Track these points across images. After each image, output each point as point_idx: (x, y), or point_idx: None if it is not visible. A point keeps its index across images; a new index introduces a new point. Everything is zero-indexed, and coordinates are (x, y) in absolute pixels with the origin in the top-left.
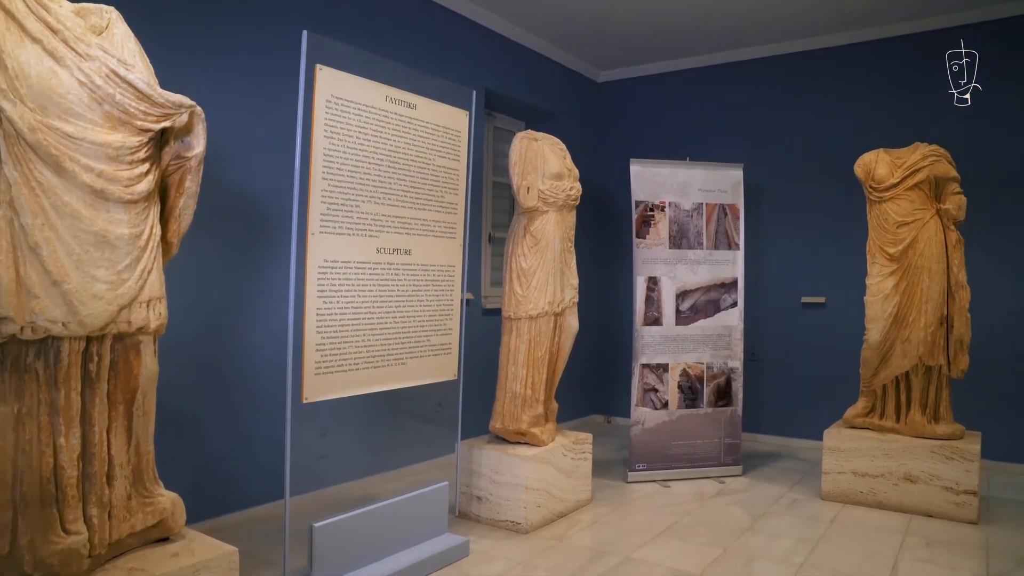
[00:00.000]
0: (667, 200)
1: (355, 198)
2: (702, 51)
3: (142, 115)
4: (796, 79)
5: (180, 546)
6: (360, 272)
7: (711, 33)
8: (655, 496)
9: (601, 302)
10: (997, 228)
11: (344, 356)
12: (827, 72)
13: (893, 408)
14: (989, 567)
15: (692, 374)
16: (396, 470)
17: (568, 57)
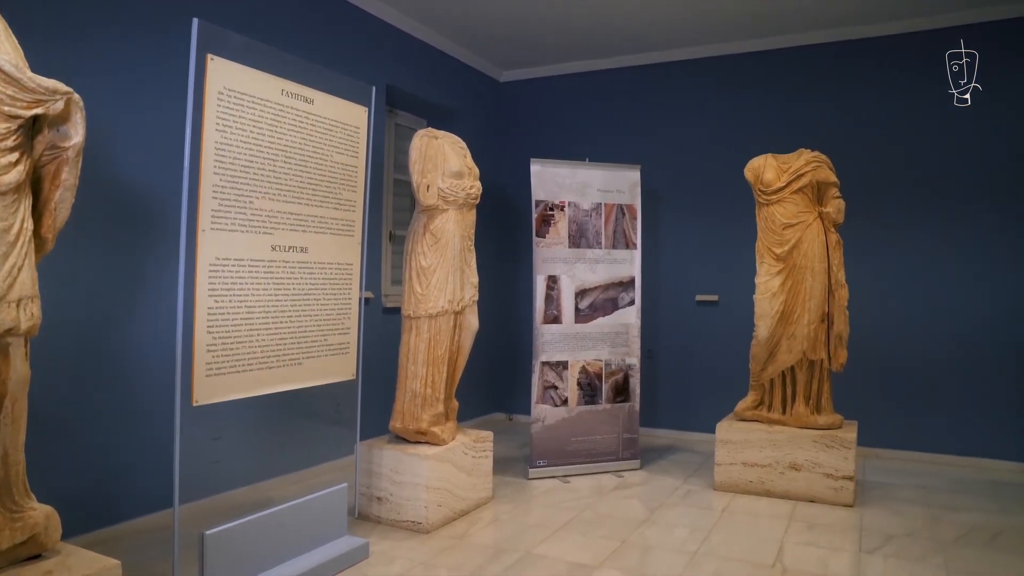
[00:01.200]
0: (567, 200)
1: (249, 194)
2: (603, 54)
3: (9, 100)
4: (691, 84)
5: (55, 562)
6: (254, 270)
7: (612, 37)
8: (555, 492)
9: (502, 301)
10: (872, 230)
11: (237, 357)
12: (719, 78)
13: (780, 401)
14: (862, 545)
15: (591, 371)
16: (294, 473)
17: (471, 56)
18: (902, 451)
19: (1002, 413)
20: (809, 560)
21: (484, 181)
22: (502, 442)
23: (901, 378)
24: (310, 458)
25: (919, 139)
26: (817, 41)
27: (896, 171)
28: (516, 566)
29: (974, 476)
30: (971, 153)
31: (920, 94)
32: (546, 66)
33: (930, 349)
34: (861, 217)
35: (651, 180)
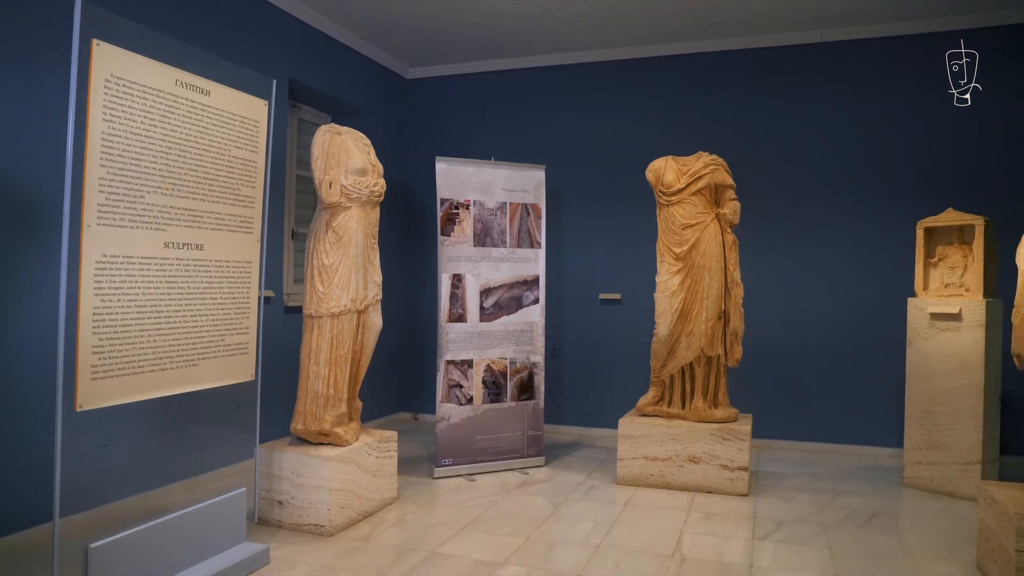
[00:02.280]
0: (472, 198)
1: (139, 188)
2: (510, 54)
3: None
4: (595, 86)
5: None
6: (145, 268)
7: (519, 37)
8: (461, 490)
9: (406, 299)
10: (765, 231)
11: (126, 359)
12: (623, 81)
13: (679, 396)
14: (755, 532)
15: (496, 369)
16: (191, 479)
17: (377, 52)
18: (792, 442)
19: (879, 403)
20: (706, 549)
21: (389, 179)
22: (407, 442)
23: (791, 373)
24: (208, 463)
25: (807, 144)
26: (717, 48)
27: (786, 174)
28: (421, 566)
29: (856, 463)
30: (851, 158)
31: (810, 102)
32: (453, 64)
33: (816, 345)
34: (755, 218)
35: (556, 180)
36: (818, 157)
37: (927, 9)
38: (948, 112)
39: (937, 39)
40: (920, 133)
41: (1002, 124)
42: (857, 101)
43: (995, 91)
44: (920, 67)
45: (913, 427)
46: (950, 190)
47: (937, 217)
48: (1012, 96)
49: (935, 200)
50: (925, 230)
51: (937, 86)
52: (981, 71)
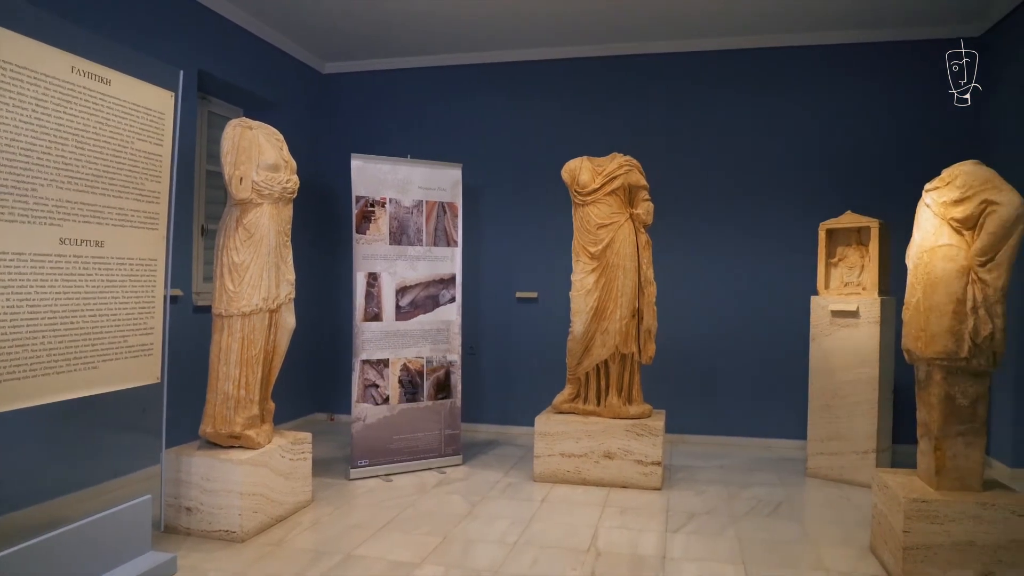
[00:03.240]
0: (388, 196)
1: (31, 181)
2: (428, 51)
3: None
4: (513, 85)
5: None
6: (38, 265)
7: (437, 34)
8: (377, 491)
9: (321, 298)
10: (677, 231)
11: (17, 362)
12: (540, 81)
13: (595, 393)
14: (668, 524)
15: (412, 368)
16: (94, 487)
17: (292, 45)
18: (704, 436)
19: (785, 397)
20: (621, 542)
21: (303, 175)
22: (323, 443)
23: (702, 369)
24: (112, 469)
25: (718, 147)
26: (632, 51)
27: (698, 176)
28: (336, 569)
29: (763, 455)
30: (760, 162)
31: (721, 106)
32: (370, 60)
33: (726, 342)
34: (668, 218)
35: (473, 178)
36: (728, 160)
37: (836, 21)
38: (849, 119)
39: (842, 50)
40: (823, 139)
41: (897, 132)
42: (765, 107)
43: (892, 101)
44: (824, 76)
45: (815, 419)
46: (850, 194)
47: (837, 219)
48: (907, 106)
49: (836, 203)
50: (826, 231)
51: (839, 94)
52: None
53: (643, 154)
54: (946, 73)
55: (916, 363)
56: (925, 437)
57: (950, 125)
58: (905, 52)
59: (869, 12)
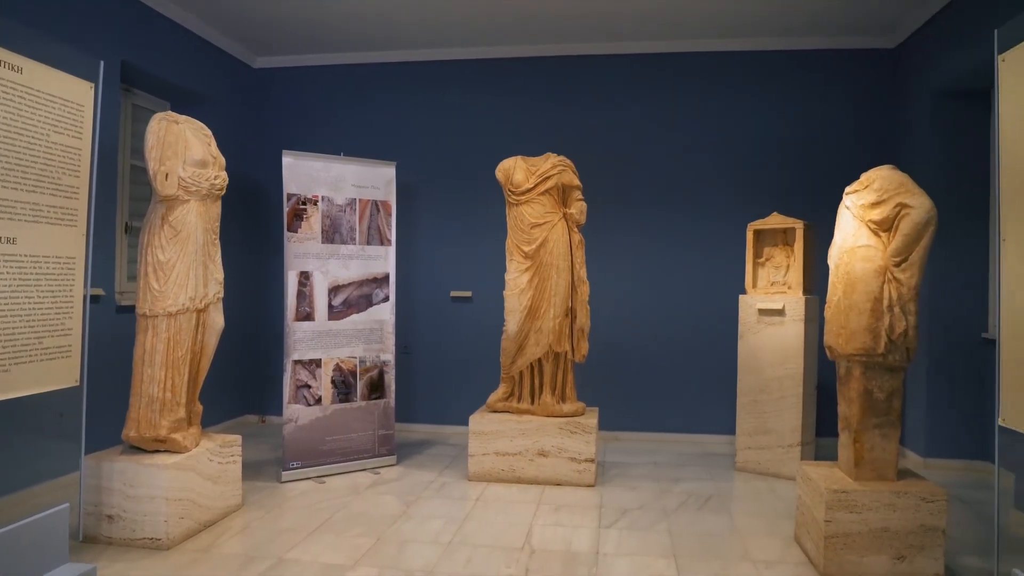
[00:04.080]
0: (320, 194)
1: None
2: (362, 48)
3: None
4: (446, 84)
5: None
6: None
7: (371, 30)
8: (310, 493)
9: (251, 297)
10: (610, 230)
11: None
12: (475, 79)
13: (528, 392)
14: (602, 521)
15: (345, 368)
16: (8, 496)
17: (222, 38)
18: (637, 432)
19: (715, 394)
20: (555, 539)
21: (232, 172)
22: (254, 445)
23: (635, 367)
24: (27, 478)
25: (650, 148)
26: (566, 52)
27: (631, 176)
28: (266, 574)
29: (694, 450)
30: (691, 163)
31: (654, 108)
32: (303, 55)
33: (657, 340)
34: (601, 218)
35: (407, 176)
36: (661, 161)
37: (764, 29)
38: (776, 123)
39: (769, 57)
40: (752, 142)
41: (821, 136)
42: (696, 109)
43: (816, 107)
44: (753, 81)
45: (744, 415)
46: (777, 195)
47: (764, 220)
48: (829, 112)
49: (764, 204)
50: (754, 232)
51: (767, 99)
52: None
53: (577, 154)
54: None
55: (837, 359)
56: (845, 430)
57: (868, 131)
58: (827, 60)
59: (794, 21)
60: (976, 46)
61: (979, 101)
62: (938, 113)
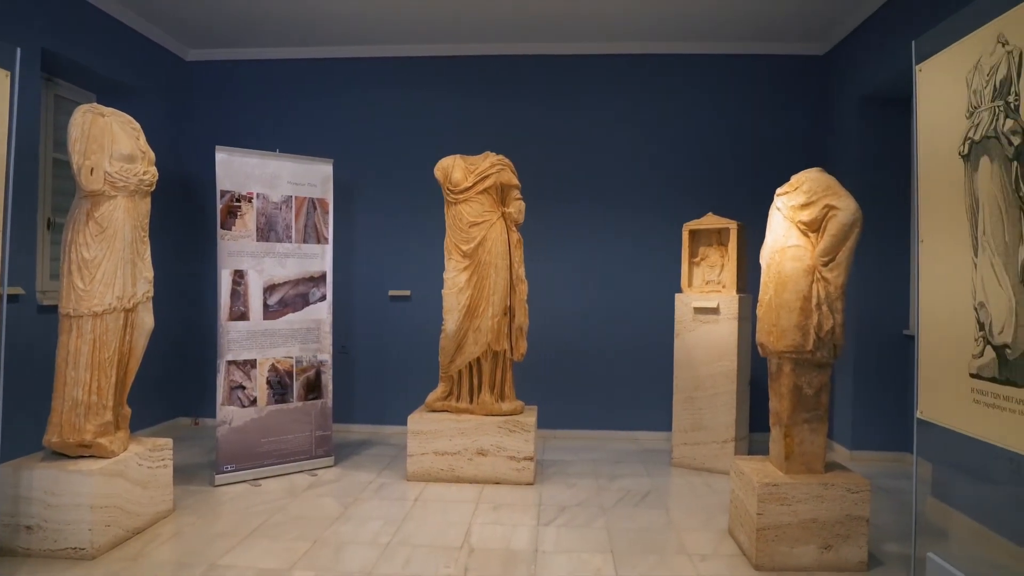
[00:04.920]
0: (255, 191)
1: None
2: (299, 42)
3: None
4: (386, 81)
5: None
6: None
7: (308, 25)
8: (245, 497)
9: (183, 297)
10: (550, 230)
11: None
12: (414, 77)
13: (467, 391)
14: (540, 518)
15: (281, 369)
16: None
17: (152, 28)
18: (575, 430)
19: (652, 392)
20: (494, 538)
21: (163, 167)
22: (187, 448)
23: (573, 365)
24: None
25: (589, 149)
26: (508, 52)
27: (570, 177)
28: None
29: (632, 447)
30: (630, 164)
31: (595, 109)
32: (238, 48)
33: (595, 338)
34: (539, 218)
35: (345, 174)
36: (599, 161)
37: (700, 33)
38: (712, 125)
39: (705, 61)
40: (688, 143)
41: (754, 139)
42: (636, 111)
43: (752, 110)
44: (689, 84)
45: (680, 411)
46: (711, 196)
47: (699, 220)
48: (762, 115)
49: (699, 205)
50: (689, 232)
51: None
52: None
53: (515, 154)
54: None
55: (769, 356)
56: (776, 425)
57: (799, 134)
58: (761, 65)
59: (731, 26)
60: (898, 56)
61: (902, 108)
62: (864, 118)
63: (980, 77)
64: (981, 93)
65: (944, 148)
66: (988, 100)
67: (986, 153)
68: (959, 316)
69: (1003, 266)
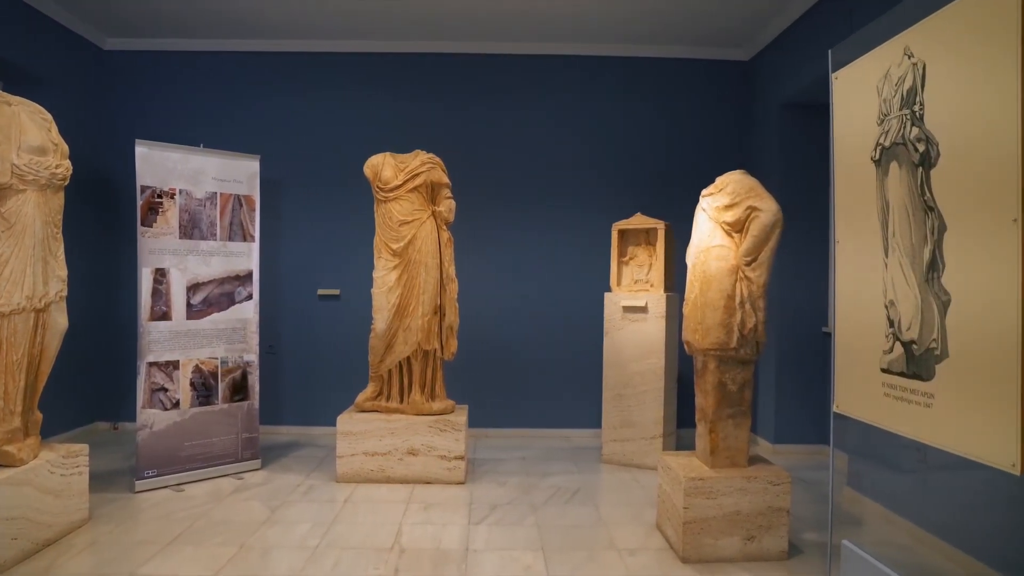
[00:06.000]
0: (178, 187)
1: None
2: (227, 35)
3: None
4: (315, 77)
5: None
6: None
7: (233, 18)
8: (167, 503)
9: (100, 296)
10: (481, 229)
11: None
12: (345, 74)
13: (398, 390)
14: (471, 517)
15: (206, 370)
16: None
17: (65, 14)
18: (507, 429)
19: (582, 389)
20: (424, 538)
21: (79, 161)
22: (105, 455)
23: (504, 364)
24: None
25: (521, 149)
26: (440, 50)
27: (501, 176)
28: None
29: (562, 445)
30: (561, 164)
31: (526, 109)
32: (160, 39)
33: (526, 337)
34: (470, 217)
35: (272, 171)
36: (531, 162)
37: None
38: (641, 127)
39: (636, 63)
40: (618, 144)
41: (682, 141)
42: (567, 111)
43: (680, 112)
44: (620, 86)
45: (609, 409)
46: (641, 196)
47: (628, 220)
48: (689, 118)
49: (628, 205)
50: (619, 232)
51: (636, 104)
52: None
53: (446, 152)
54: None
55: (694, 354)
56: (702, 421)
57: (725, 137)
58: (689, 69)
59: (659, 30)
60: (817, 64)
61: (820, 114)
62: (785, 123)
63: (889, 86)
64: (890, 102)
65: (858, 154)
66: (897, 108)
67: (895, 159)
68: (871, 314)
69: (910, 266)
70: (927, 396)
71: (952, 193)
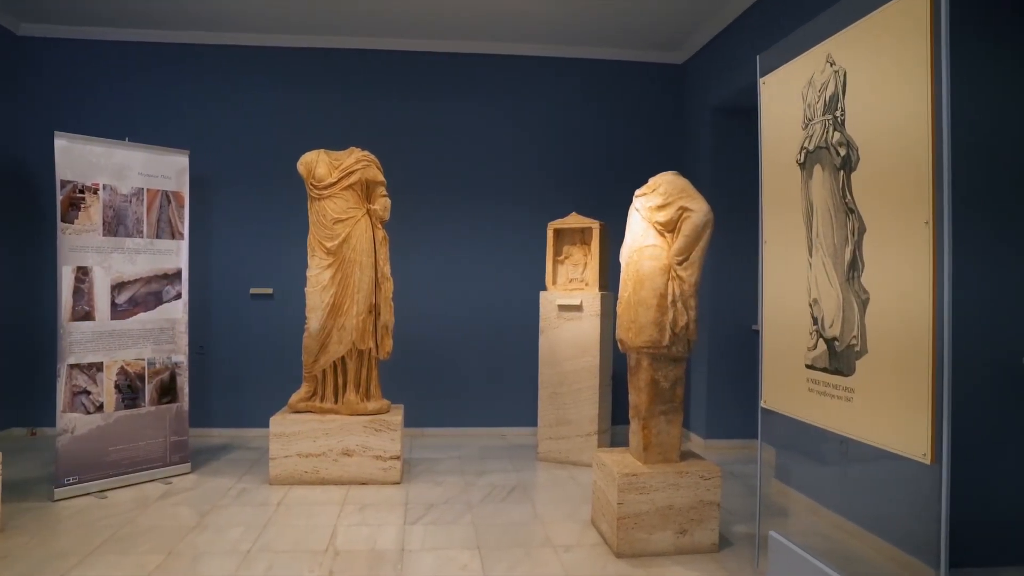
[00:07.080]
0: (101, 182)
1: None
2: (155, 24)
3: None
4: (247, 71)
5: None
6: None
7: (159, 7)
8: (89, 510)
9: (16, 295)
10: (417, 228)
11: None
12: (278, 69)
13: (332, 391)
14: (407, 517)
15: (131, 371)
16: None
17: None
18: (443, 428)
19: (517, 388)
20: (359, 539)
21: None
22: (21, 461)
23: (440, 363)
24: None
25: (457, 147)
26: (377, 47)
27: (437, 174)
28: None
29: (498, 443)
30: (497, 164)
31: (463, 108)
32: (81, 26)
33: (462, 336)
34: (406, 215)
35: (202, 167)
36: (466, 160)
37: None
38: (576, 127)
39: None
40: (554, 144)
41: (616, 142)
42: (503, 111)
43: (614, 113)
44: (558, 86)
45: (545, 407)
46: (575, 196)
47: (563, 220)
48: (624, 119)
49: (564, 205)
50: (554, 231)
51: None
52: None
53: (381, 150)
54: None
55: (628, 352)
56: (635, 418)
57: (659, 138)
58: (624, 71)
59: (595, 31)
60: (746, 69)
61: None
62: (716, 126)
63: (813, 92)
64: (814, 107)
65: (783, 157)
66: (820, 113)
67: (819, 162)
68: (797, 312)
69: (832, 265)
70: (848, 391)
71: (871, 196)
